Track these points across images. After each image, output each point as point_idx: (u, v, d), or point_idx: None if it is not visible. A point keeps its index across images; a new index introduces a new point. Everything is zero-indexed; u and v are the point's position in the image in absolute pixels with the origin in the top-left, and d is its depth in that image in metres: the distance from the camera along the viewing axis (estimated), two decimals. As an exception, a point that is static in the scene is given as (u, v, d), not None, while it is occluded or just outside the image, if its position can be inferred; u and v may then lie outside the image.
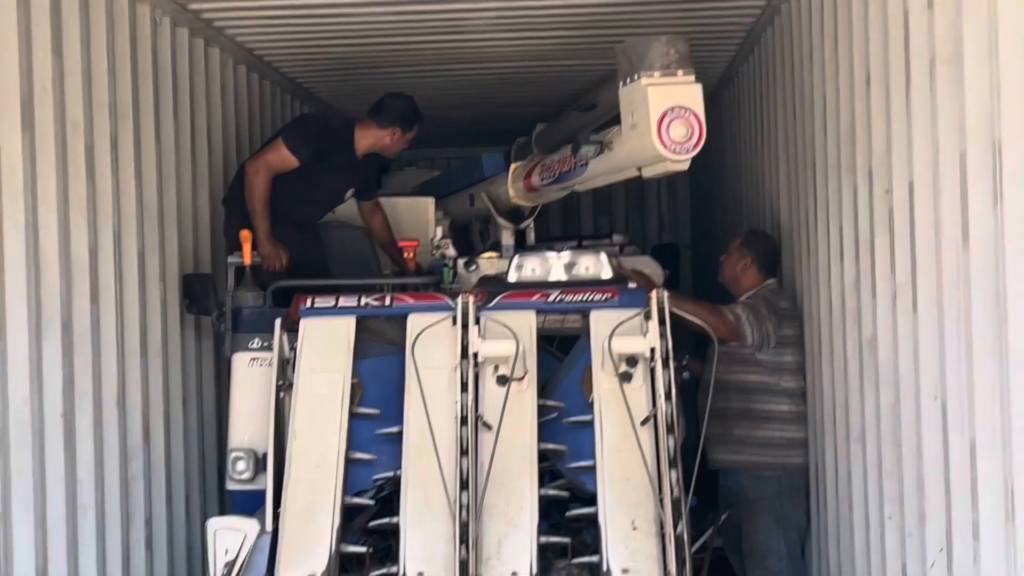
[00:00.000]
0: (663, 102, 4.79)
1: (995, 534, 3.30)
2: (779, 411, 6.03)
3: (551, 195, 6.61)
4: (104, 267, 5.39)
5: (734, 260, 6.31)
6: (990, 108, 3.22)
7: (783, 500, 6.02)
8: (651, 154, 4.91)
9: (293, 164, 6.30)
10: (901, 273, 4.13)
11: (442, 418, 4.80)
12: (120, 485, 5.50)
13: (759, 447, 6.05)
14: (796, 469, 6.03)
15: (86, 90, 5.22)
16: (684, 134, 4.80)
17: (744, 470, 6.10)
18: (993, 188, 3.21)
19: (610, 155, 5.43)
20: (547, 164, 6.37)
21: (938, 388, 3.76)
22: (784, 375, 6.04)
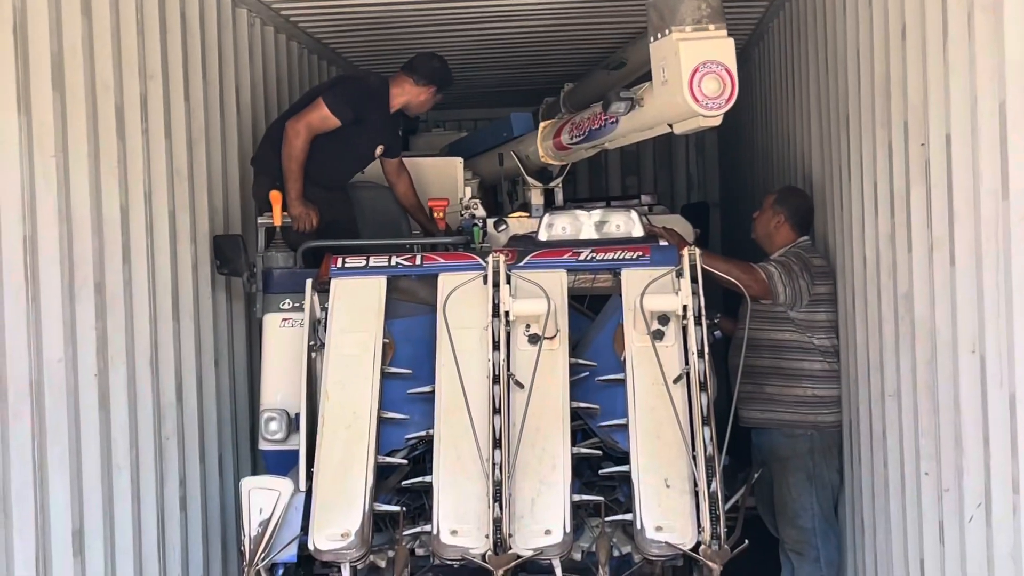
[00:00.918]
0: (695, 57, 4.76)
1: (1036, 488, 3.28)
2: (811, 369, 6.00)
3: (581, 154, 6.57)
4: (135, 227, 5.40)
5: (767, 217, 6.27)
6: (1030, 55, 3.18)
7: (815, 458, 5.99)
8: (683, 109, 4.87)
9: (334, 125, 6.29)
10: (938, 226, 4.09)
11: (474, 377, 4.81)
12: (154, 445, 5.54)
13: (791, 405, 6.02)
14: (828, 427, 6.00)
15: (115, 50, 5.22)
16: (716, 89, 4.77)
17: (776, 428, 6.08)
18: (1034, 138, 3.17)
19: (641, 111, 5.39)
20: (576, 122, 6.33)
21: (976, 342, 3.73)
22: (817, 332, 6.00)
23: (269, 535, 4.63)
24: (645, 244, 5.49)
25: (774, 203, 6.29)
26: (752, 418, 6.12)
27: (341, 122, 6.28)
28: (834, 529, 6.05)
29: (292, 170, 6.19)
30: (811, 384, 6.00)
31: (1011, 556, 3.45)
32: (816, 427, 6.01)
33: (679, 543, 4.44)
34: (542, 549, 4.48)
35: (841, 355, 5.90)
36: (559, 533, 4.51)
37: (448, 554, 4.56)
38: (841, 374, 5.91)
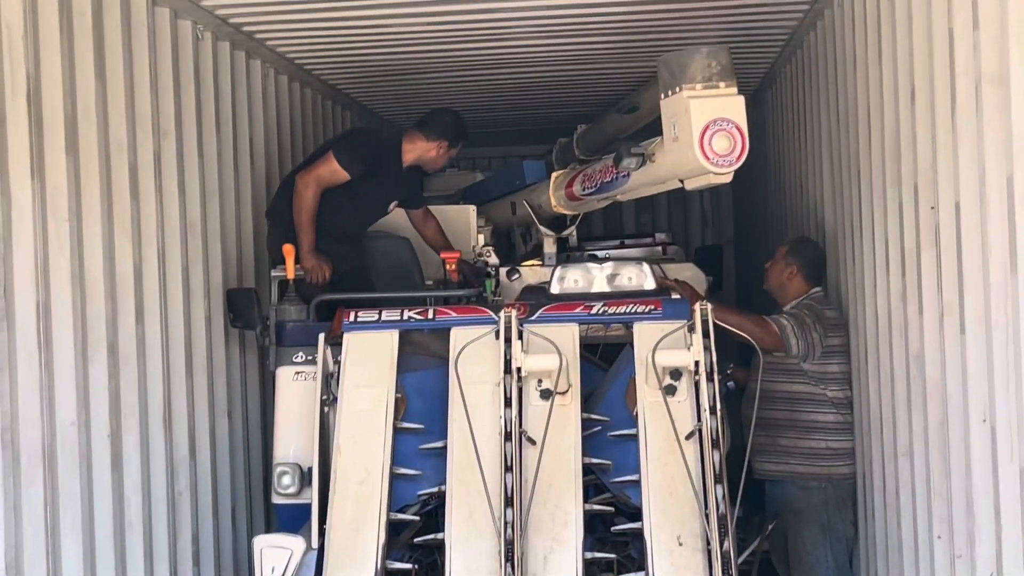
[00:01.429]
0: (705, 115, 4.77)
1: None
2: (825, 421, 5.99)
3: (592, 204, 6.59)
4: (149, 285, 5.42)
5: (780, 268, 6.27)
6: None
7: (829, 511, 5.99)
8: (693, 166, 4.88)
9: (344, 178, 6.33)
10: (948, 292, 4.08)
11: (486, 433, 4.80)
12: (167, 501, 5.54)
13: (805, 457, 6.02)
14: (842, 479, 5.99)
15: (129, 109, 5.26)
16: (727, 146, 4.79)
17: (790, 480, 6.07)
18: (1043, 216, 3.17)
19: (652, 167, 5.41)
20: (588, 174, 6.35)
21: (987, 411, 3.72)
22: (830, 384, 6.00)
23: (282, 594, 4.63)
24: (657, 297, 5.49)
25: (786, 254, 6.29)
26: (766, 470, 6.11)
27: (351, 176, 6.31)
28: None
29: (304, 223, 6.22)
30: (824, 436, 5.99)
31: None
32: (830, 479, 6.00)
33: (690, 602, 4.42)
34: (554, 607, 4.43)
35: (854, 407, 5.89)
36: (571, 591, 4.49)
37: (460, 612, 4.55)
38: (855, 426, 5.89)
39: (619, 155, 5.55)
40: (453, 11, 6.58)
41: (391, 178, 6.59)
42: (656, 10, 6.55)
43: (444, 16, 6.68)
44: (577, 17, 6.80)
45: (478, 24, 6.88)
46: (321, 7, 6.33)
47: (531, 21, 6.87)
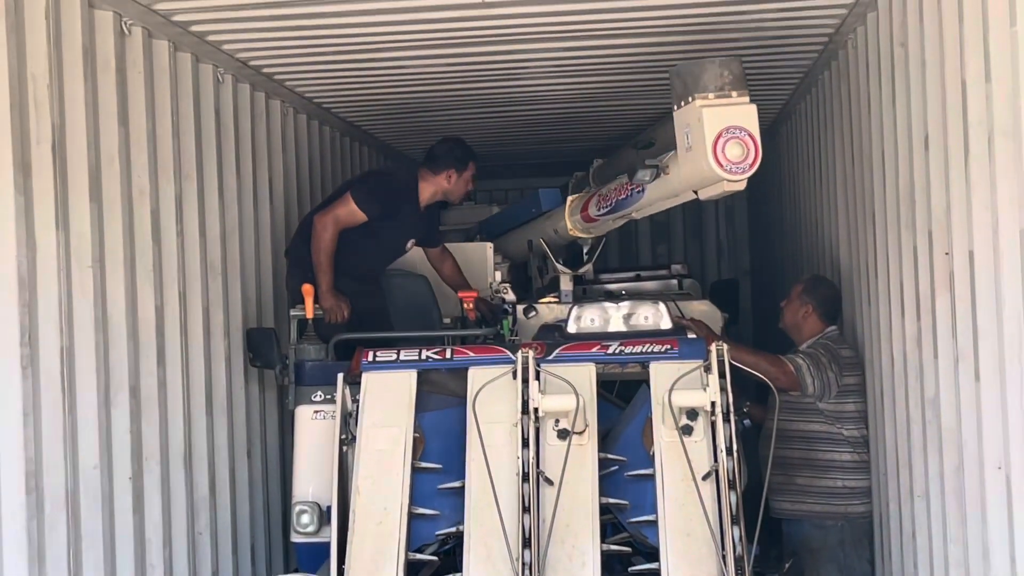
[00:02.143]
0: (718, 123, 4.82)
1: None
2: (841, 460, 6.01)
3: (608, 225, 6.63)
4: (171, 327, 5.49)
5: (795, 307, 6.30)
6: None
7: (846, 550, 6.00)
8: (707, 175, 4.92)
9: (361, 219, 6.41)
10: (963, 338, 4.11)
11: (504, 472, 4.83)
12: (187, 541, 5.59)
13: (821, 496, 6.04)
14: (859, 518, 6.01)
15: (152, 155, 5.33)
16: (740, 154, 4.83)
17: (806, 519, 6.08)
18: (1054, 270, 3.21)
19: (666, 179, 5.46)
20: (603, 194, 6.41)
21: (1002, 459, 3.74)
22: (846, 423, 6.02)
23: (301, 633, 4.68)
24: (673, 337, 5.51)
25: (801, 293, 6.31)
26: (783, 509, 6.13)
27: (368, 216, 6.39)
28: None
29: (322, 263, 6.28)
30: (841, 475, 6.01)
31: None
32: (846, 518, 6.01)
33: (709, 642, 4.45)
34: (573, 649, 4.49)
35: (871, 447, 5.90)
36: (589, 632, 4.52)
37: (478, 652, 4.59)
38: (872, 466, 5.90)
39: (633, 168, 5.60)
40: (470, 52, 6.64)
41: (408, 218, 6.66)
42: (672, 48, 6.58)
43: (461, 57, 6.74)
44: (592, 56, 6.85)
45: (495, 64, 6.94)
46: (339, 49, 6.40)
47: (547, 60, 6.93)
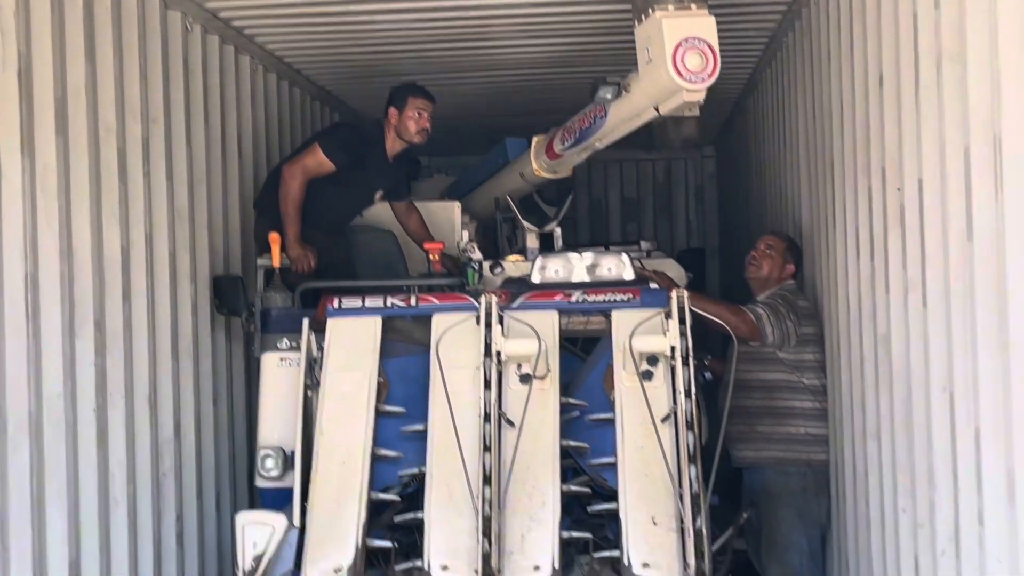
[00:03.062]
0: (677, 33, 4.93)
1: (999, 520, 3.38)
2: (802, 407, 6.09)
3: (573, 159, 6.71)
4: (136, 267, 5.52)
5: (779, 262, 6.34)
6: (991, 103, 3.30)
7: (806, 496, 6.06)
8: (667, 86, 5.01)
9: (329, 169, 6.46)
10: (912, 269, 4.21)
11: (466, 416, 4.89)
12: (151, 480, 5.63)
13: (783, 443, 6.10)
14: (820, 465, 6.07)
15: (118, 95, 5.36)
16: (699, 63, 4.93)
17: (769, 466, 6.14)
18: (994, 182, 3.29)
19: (628, 97, 5.56)
20: (567, 127, 6.52)
21: (947, 381, 3.83)
22: (806, 372, 6.10)
23: (263, 569, 4.72)
24: (635, 286, 5.59)
25: (785, 251, 6.38)
26: (745, 457, 6.19)
27: (336, 166, 6.45)
28: (819, 569, 6.09)
29: (289, 213, 6.34)
30: (803, 422, 6.09)
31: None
32: (809, 464, 6.08)
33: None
34: (530, 584, 4.53)
35: (828, 395, 5.98)
36: (547, 569, 4.58)
37: (438, 588, 4.64)
38: (828, 412, 5.98)
39: (595, 86, 5.69)
40: (439, 9, 6.71)
41: (376, 168, 6.72)
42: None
43: (430, 15, 6.81)
44: (560, 18, 6.93)
45: (463, 24, 7.02)
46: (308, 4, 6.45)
47: (515, 21, 7.00)
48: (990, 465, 3.43)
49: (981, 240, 3.43)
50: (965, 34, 3.50)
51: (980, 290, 3.46)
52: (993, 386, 3.38)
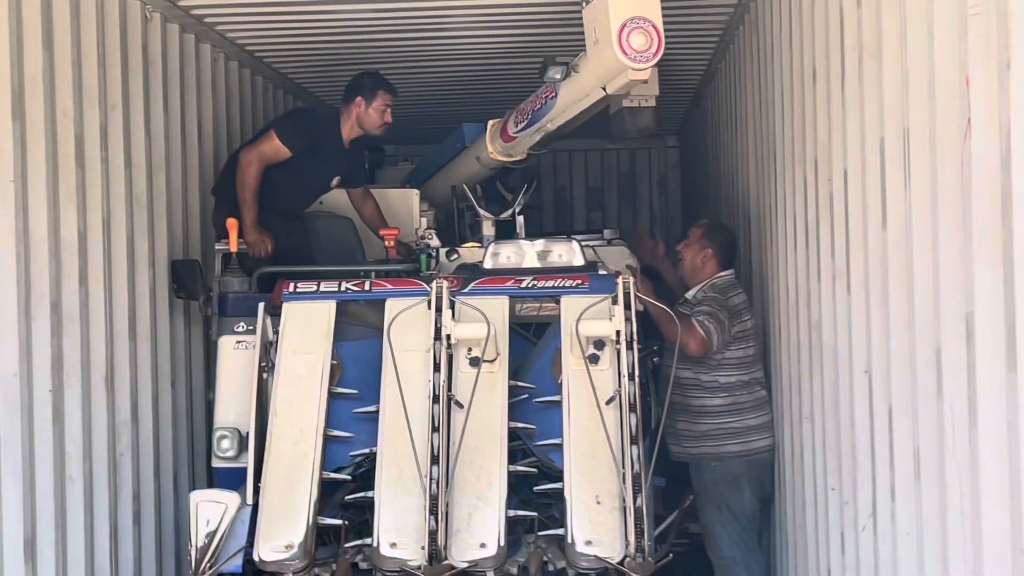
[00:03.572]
0: (622, 13, 5.07)
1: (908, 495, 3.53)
2: (713, 405, 6.06)
3: (527, 141, 6.82)
4: (93, 251, 5.60)
5: (695, 251, 6.32)
6: (901, 97, 3.45)
7: (720, 488, 6.07)
8: (613, 65, 5.14)
9: (285, 155, 6.57)
10: (839, 257, 4.37)
11: (416, 397, 5.02)
12: (108, 460, 5.72)
13: (696, 439, 6.11)
14: (732, 457, 6.06)
15: (76, 82, 5.43)
16: (644, 43, 5.07)
17: (688, 461, 6.21)
18: (904, 174, 3.44)
19: (576, 77, 5.70)
20: (520, 109, 6.64)
21: (867, 363, 3.99)
22: (723, 370, 6.05)
23: (215, 546, 4.82)
24: (584, 273, 5.72)
25: (701, 237, 6.33)
26: (673, 452, 6.24)
27: (292, 152, 6.56)
28: (756, 557, 6.15)
29: (246, 199, 6.45)
30: (711, 419, 6.06)
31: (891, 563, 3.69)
32: (719, 458, 6.07)
33: (607, 556, 4.63)
34: (476, 561, 4.67)
35: (772, 382, 6.10)
36: (493, 546, 4.71)
37: (387, 565, 4.76)
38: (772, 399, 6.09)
39: (544, 66, 5.82)
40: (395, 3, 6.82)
41: (332, 154, 6.83)
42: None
43: (389, 5, 6.91)
44: (514, 9, 7.04)
45: (419, 16, 7.11)
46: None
47: (470, 12, 7.10)
48: (901, 443, 3.59)
49: (894, 229, 3.58)
50: (881, 31, 3.65)
51: (893, 276, 3.61)
52: (902, 367, 3.53)
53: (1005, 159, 2.59)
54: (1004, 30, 2.56)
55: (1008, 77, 2.53)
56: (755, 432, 6.09)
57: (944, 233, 3.08)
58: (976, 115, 2.77)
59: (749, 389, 6.11)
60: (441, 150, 8.36)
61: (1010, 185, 2.55)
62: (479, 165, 7.42)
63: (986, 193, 2.72)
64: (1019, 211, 2.52)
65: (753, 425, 6.09)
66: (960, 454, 2.97)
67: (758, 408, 6.12)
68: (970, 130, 2.78)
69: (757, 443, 6.10)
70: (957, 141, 2.91)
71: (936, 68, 3.07)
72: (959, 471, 2.98)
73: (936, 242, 3.14)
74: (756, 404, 6.11)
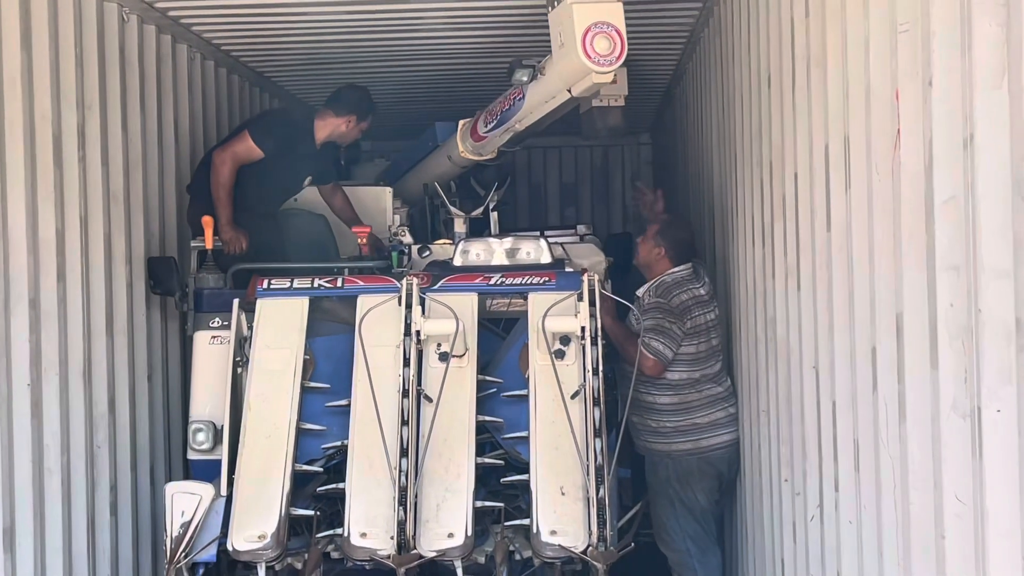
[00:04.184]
0: (587, 18, 5.22)
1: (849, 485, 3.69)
2: (660, 403, 6.13)
3: (496, 140, 6.97)
4: (71, 248, 5.72)
5: (649, 247, 6.38)
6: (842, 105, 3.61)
7: (673, 484, 6.15)
8: (578, 68, 5.29)
9: (258, 155, 6.71)
10: (790, 256, 4.53)
11: (387, 392, 5.16)
12: (86, 452, 5.84)
13: (649, 435, 6.21)
14: (682, 455, 6.12)
15: (54, 83, 5.55)
16: (607, 47, 5.22)
17: (644, 456, 6.31)
18: (845, 178, 3.60)
19: (543, 79, 5.86)
20: (490, 110, 6.80)
21: (814, 359, 4.16)
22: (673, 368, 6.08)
23: (190, 536, 4.97)
24: (551, 270, 5.86)
25: (655, 234, 6.38)
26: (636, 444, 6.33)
27: (264, 153, 6.71)
28: (711, 549, 6.23)
29: (220, 197, 6.58)
30: (659, 417, 6.14)
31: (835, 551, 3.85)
32: (670, 456, 6.15)
33: (571, 545, 4.79)
34: (444, 551, 4.83)
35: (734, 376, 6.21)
36: (461, 536, 4.86)
37: (357, 555, 4.91)
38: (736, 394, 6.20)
39: (511, 68, 5.97)
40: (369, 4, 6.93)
41: (304, 155, 6.97)
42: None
43: (362, 6, 7.02)
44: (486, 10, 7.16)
45: (393, 16, 7.22)
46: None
47: (443, 14, 7.22)
48: (843, 436, 3.75)
49: (837, 231, 3.74)
50: (825, 42, 3.81)
51: (836, 276, 3.77)
52: (844, 363, 3.70)
53: (928, 168, 2.75)
54: (927, 48, 2.72)
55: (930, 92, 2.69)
56: (707, 430, 6.12)
57: (879, 236, 3.24)
58: (905, 127, 2.92)
59: (698, 388, 6.12)
60: (414, 148, 8.49)
61: (932, 192, 2.71)
62: (451, 164, 7.56)
63: (912, 200, 2.88)
64: (939, 218, 2.68)
65: (704, 423, 6.12)
66: (892, 446, 3.13)
67: (710, 406, 6.13)
68: (900, 141, 2.94)
69: (708, 440, 6.12)
70: (889, 150, 3.07)
71: (872, 80, 3.22)
72: (891, 462, 3.14)
73: (872, 245, 3.30)
74: (707, 402, 6.14)
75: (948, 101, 2.66)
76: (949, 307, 2.70)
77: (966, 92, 2.55)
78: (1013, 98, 2.38)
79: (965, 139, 2.55)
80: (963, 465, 2.65)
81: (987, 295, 2.48)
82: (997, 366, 2.48)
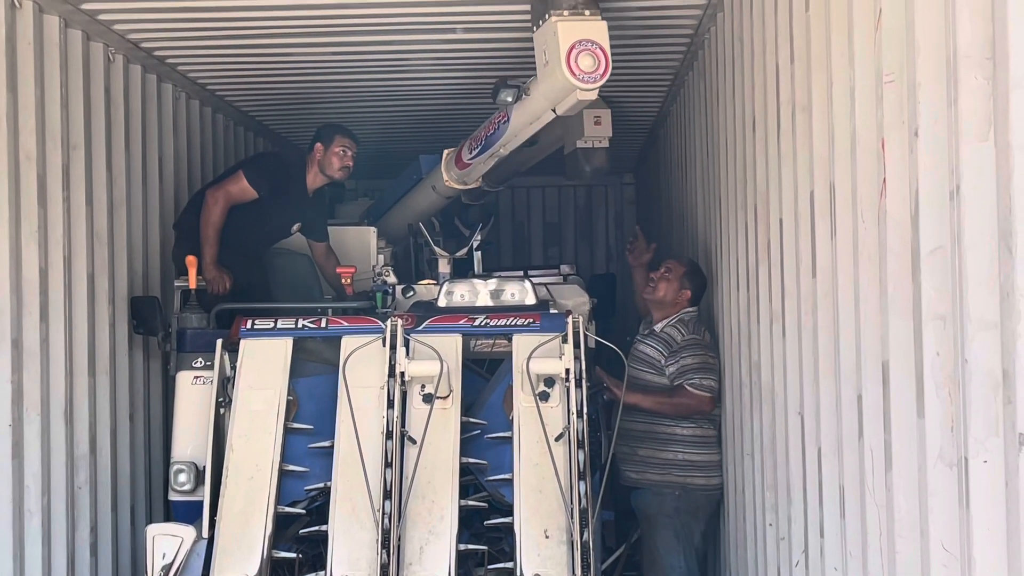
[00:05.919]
0: (571, 35, 5.23)
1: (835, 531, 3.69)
2: (683, 434, 6.20)
3: (480, 167, 6.97)
4: (54, 288, 5.71)
5: (675, 287, 6.38)
6: (828, 152, 3.63)
7: (681, 517, 6.18)
8: (563, 85, 5.30)
9: (251, 196, 6.71)
10: (775, 301, 4.54)
11: (371, 433, 5.15)
12: (66, 493, 5.81)
13: (661, 467, 6.23)
14: (697, 489, 6.19)
15: (39, 123, 5.55)
16: (592, 64, 5.23)
17: (647, 488, 6.30)
18: (831, 225, 3.62)
19: (527, 100, 5.87)
20: (474, 136, 6.80)
21: (799, 404, 4.16)
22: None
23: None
24: (536, 311, 5.86)
25: (684, 276, 6.41)
26: (629, 478, 6.35)
27: (258, 194, 6.71)
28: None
29: (209, 236, 6.57)
30: (681, 448, 6.20)
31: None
32: (683, 488, 6.19)
33: (554, 589, 4.78)
34: (428, 594, 4.80)
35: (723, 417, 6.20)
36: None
37: (339, 598, 4.88)
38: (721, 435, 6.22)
39: (496, 88, 5.98)
40: (355, 43, 6.96)
41: (296, 201, 6.98)
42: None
43: (346, 47, 7.06)
44: (472, 52, 7.20)
45: (378, 56, 7.27)
46: (228, 34, 6.67)
47: (429, 54, 7.26)
48: (829, 482, 3.75)
49: (822, 277, 3.76)
50: (811, 88, 3.84)
51: (822, 322, 3.79)
52: (829, 410, 3.71)
53: (914, 218, 2.77)
54: (913, 99, 2.74)
55: (916, 143, 2.71)
56: (717, 468, 6.22)
57: (865, 284, 3.25)
58: (891, 176, 2.94)
59: (715, 424, 6.23)
60: (399, 183, 8.50)
61: (918, 242, 2.73)
62: (435, 195, 7.56)
63: (899, 249, 2.89)
64: (925, 268, 2.70)
65: (716, 461, 6.21)
66: (878, 494, 3.13)
67: (719, 443, 6.21)
68: (886, 189, 2.96)
69: (716, 479, 6.22)
70: (875, 198, 3.09)
71: (857, 129, 3.25)
72: (877, 510, 3.14)
73: (857, 292, 3.32)
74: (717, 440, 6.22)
75: (934, 152, 2.68)
76: (936, 356, 2.72)
77: (952, 143, 2.57)
78: (999, 150, 2.39)
79: (951, 190, 2.57)
80: (950, 514, 2.66)
81: (974, 346, 2.49)
82: (984, 416, 2.48)
